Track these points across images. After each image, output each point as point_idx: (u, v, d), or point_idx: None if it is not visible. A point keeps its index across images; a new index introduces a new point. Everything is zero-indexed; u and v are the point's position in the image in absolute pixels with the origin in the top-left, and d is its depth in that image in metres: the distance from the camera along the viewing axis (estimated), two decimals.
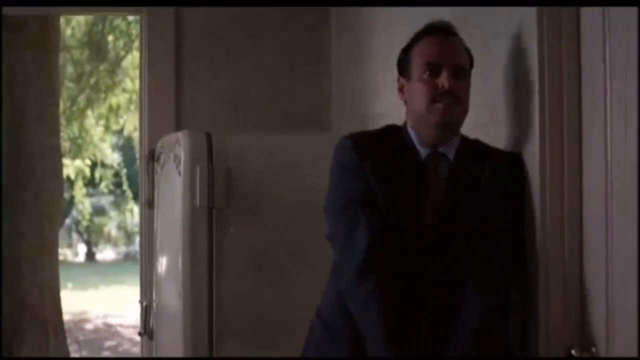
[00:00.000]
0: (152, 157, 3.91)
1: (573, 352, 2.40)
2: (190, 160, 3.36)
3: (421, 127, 2.51)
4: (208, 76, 4.31)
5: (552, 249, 2.45)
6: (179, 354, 3.42)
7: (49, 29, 7.03)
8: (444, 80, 2.44)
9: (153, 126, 4.26)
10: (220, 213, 3.37)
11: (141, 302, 4.13)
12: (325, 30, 4.37)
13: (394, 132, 2.58)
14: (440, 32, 2.53)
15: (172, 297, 3.54)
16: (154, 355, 3.96)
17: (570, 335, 2.42)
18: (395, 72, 2.64)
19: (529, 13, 2.50)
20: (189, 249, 3.36)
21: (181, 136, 3.46)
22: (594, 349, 2.38)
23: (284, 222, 3.43)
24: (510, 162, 2.54)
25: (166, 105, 4.26)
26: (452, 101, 2.45)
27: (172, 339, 3.54)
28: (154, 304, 3.91)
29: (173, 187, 3.50)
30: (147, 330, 3.96)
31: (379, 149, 2.51)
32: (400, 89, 2.58)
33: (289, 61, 4.37)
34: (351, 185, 2.48)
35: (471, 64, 2.55)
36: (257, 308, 3.40)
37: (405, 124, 2.57)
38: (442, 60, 2.47)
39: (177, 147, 3.43)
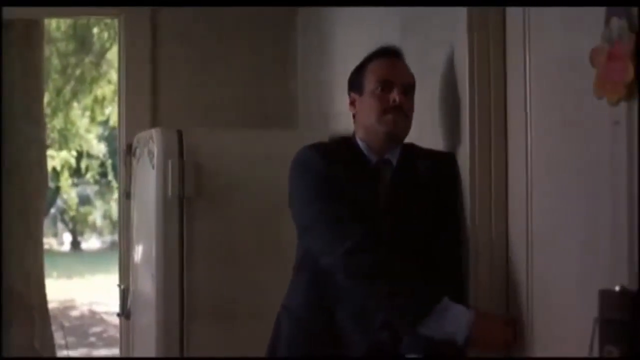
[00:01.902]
0: (129, 151, 4.19)
1: None
2: (162, 155, 3.61)
3: (370, 137, 2.77)
4: (182, 76, 4.55)
5: (480, 236, 2.73)
6: (153, 333, 3.67)
7: (33, 26, 7.21)
8: (395, 95, 2.71)
9: (131, 122, 4.52)
10: (191, 203, 3.62)
11: (119, 285, 4.40)
12: (292, 32, 4.62)
13: (345, 142, 2.82)
14: (391, 54, 2.82)
15: (146, 281, 3.78)
16: (130, 335, 4.23)
17: (496, 312, 2.69)
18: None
19: (461, 23, 2.78)
20: (161, 236, 3.61)
21: (154, 133, 3.71)
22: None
23: (250, 211, 3.67)
24: (444, 161, 2.82)
25: (143, 103, 4.51)
26: (400, 115, 2.73)
27: (147, 320, 3.79)
28: (131, 287, 4.18)
29: (147, 180, 3.75)
30: (124, 312, 4.24)
31: (337, 156, 2.75)
32: (352, 103, 2.83)
33: (258, 61, 4.62)
34: (324, 183, 2.69)
35: (414, 85, 2.81)
36: (224, 291, 3.65)
37: (353, 134, 2.83)
38: (393, 79, 2.74)
39: (151, 143, 3.69)
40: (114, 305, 4.33)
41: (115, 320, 8.97)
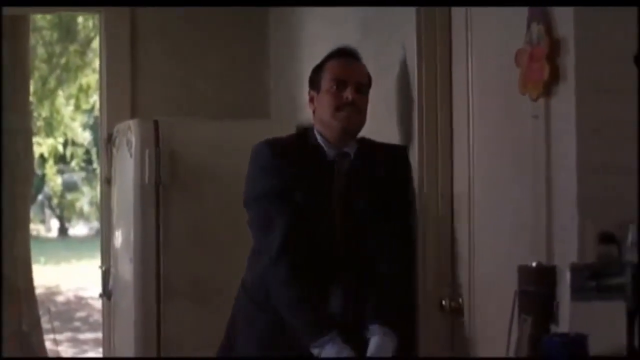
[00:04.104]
0: (109, 140, 4.42)
1: (443, 302, 2.97)
2: (140, 145, 3.84)
3: (327, 131, 2.97)
4: (160, 69, 4.75)
5: (428, 222, 3.00)
6: (132, 312, 3.91)
7: (20, 18, 7.40)
8: (348, 93, 2.92)
9: (112, 112, 4.74)
10: (166, 190, 3.85)
11: (101, 267, 4.63)
12: (265, 27, 4.83)
13: (304, 136, 3.04)
14: (347, 55, 3.03)
15: (126, 264, 4.01)
16: (111, 314, 4.46)
17: (442, 290, 2.97)
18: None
19: (410, 24, 3.02)
20: (139, 221, 3.85)
21: (132, 124, 3.95)
22: (460, 300, 2.94)
23: (221, 197, 3.89)
24: (397, 154, 3.04)
25: (123, 95, 4.74)
26: (354, 111, 2.94)
27: (127, 301, 4.02)
28: (112, 270, 4.41)
29: (126, 167, 3.98)
30: (106, 292, 4.48)
31: (292, 150, 2.97)
32: (311, 100, 3.04)
33: (233, 55, 4.84)
34: (267, 181, 2.92)
35: (369, 84, 3.03)
36: (197, 271, 3.89)
37: (312, 128, 3.03)
38: (347, 78, 2.95)
39: (129, 133, 3.92)
40: (100, 290, 4.56)
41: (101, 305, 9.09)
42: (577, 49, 2.16)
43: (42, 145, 12.57)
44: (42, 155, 12.83)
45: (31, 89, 9.24)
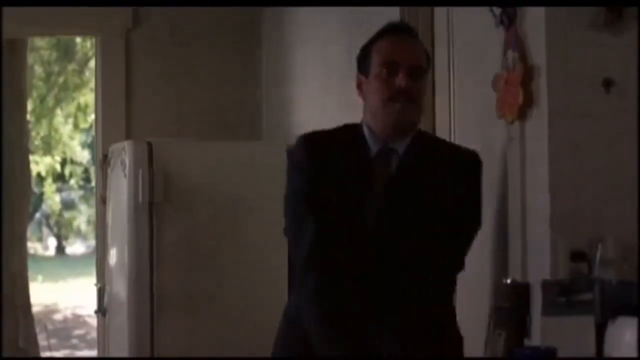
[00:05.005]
0: (105, 160, 4.52)
1: None
2: (134, 165, 3.93)
3: (377, 124, 2.50)
4: (153, 91, 4.87)
5: None
6: (126, 328, 3.99)
7: (17, 39, 7.51)
8: (401, 80, 2.44)
9: (108, 133, 4.85)
10: (159, 209, 3.93)
11: (96, 284, 4.71)
12: (257, 51, 4.96)
13: (349, 130, 2.57)
14: (400, 32, 2.56)
15: (120, 280, 4.10)
16: (105, 330, 4.54)
17: None
18: (310, 86, 3.10)
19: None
20: (133, 238, 3.93)
21: (127, 145, 4.04)
22: None
23: (213, 216, 3.98)
24: (463, 159, 2.50)
25: (118, 116, 4.84)
26: (407, 101, 2.45)
27: (121, 316, 4.09)
28: (107, 287, 4.48)
29: (120, 187, 4.06)
30: (101, 309, 4.55)
31: (330, 147, 2.53)
32: (358, 86, 2.56)
33: (225, 75, 4.95)
34: (298, 182, 2.52)
35: (428, 63, 2.57)
36: (191, 289, 3.95)
37: (362, 121, 2.56)
38: (399, 60, 2.46)
39: (124, 153, 4.01)
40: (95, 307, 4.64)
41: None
42: (549, 75, 2.26)
43: (39, 164, 12.64)
44: (39, 174, 12.89)
45: (29, 107, 9.33)
